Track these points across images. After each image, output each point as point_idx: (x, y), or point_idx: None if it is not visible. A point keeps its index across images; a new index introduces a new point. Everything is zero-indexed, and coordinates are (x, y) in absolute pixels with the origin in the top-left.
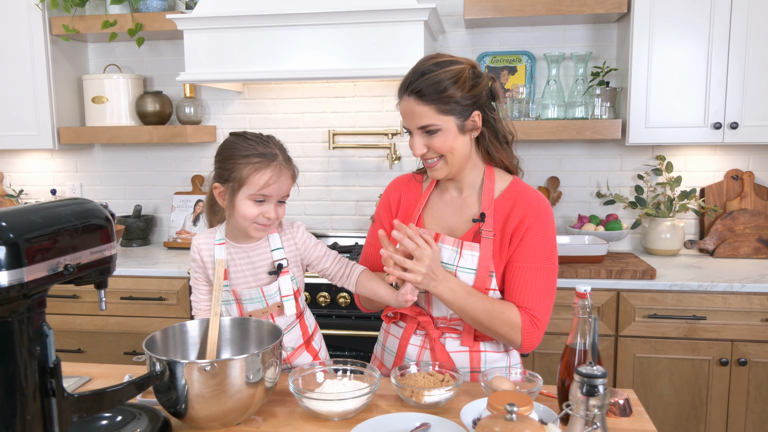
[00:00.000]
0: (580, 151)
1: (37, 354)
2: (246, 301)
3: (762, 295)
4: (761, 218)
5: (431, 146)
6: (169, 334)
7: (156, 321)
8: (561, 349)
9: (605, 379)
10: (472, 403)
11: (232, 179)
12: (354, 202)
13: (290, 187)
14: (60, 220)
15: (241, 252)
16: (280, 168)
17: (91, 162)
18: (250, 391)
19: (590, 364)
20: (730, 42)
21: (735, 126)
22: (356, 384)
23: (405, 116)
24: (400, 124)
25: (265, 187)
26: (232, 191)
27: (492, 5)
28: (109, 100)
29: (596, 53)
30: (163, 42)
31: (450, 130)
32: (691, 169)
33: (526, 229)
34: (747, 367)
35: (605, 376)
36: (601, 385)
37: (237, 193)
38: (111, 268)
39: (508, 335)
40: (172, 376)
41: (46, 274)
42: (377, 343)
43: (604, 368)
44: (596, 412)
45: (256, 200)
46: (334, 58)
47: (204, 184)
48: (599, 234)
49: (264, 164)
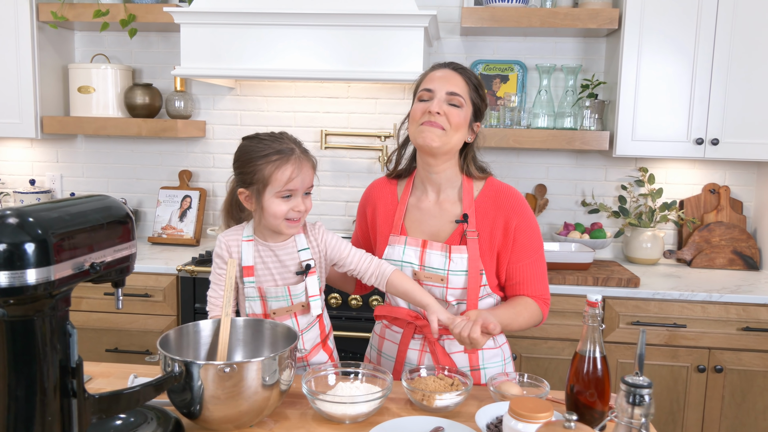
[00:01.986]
0: (567, 160)
1: (59, 353)
2: (271, 298)
3: (738, 305)
4: (736, 231)
5: (448, 114)
6: (183, 334)
7: (141, 318)
8: (546, 353)
9: (651, 389)
10: (486, 408)
11: (256, 181)
12: (344, 203)
13: (313, 177)
14: (86, 216)
15: (268, 251)
16: (300, 161)
17: (73, 153)
18: (265, 393)
19: (636, 374)
20: (714, 62)
21: (716, 142)
22: (369, 387)
23: (438, 80)
24: (394, 127)
25: (289, 182)
26: (258, 193)
27: (489, 15)
28: (96, 91)
29: (585, 66)
30: (154, 34)
31: (466, 114)
32: (671, 181)
33: (514, 230)
34: (723, 374)
35: (651, 387)
36: (647, 394)
37: (263, 194)
38: (131, 267)
39: (535, 324)
40: (188, 377)
41: (72, 273)
42: (370, 348)
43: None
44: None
45: (284, 197)
46: (333, 59)
47: (191, 180)
48: (584, 242)
49: (284, 160)
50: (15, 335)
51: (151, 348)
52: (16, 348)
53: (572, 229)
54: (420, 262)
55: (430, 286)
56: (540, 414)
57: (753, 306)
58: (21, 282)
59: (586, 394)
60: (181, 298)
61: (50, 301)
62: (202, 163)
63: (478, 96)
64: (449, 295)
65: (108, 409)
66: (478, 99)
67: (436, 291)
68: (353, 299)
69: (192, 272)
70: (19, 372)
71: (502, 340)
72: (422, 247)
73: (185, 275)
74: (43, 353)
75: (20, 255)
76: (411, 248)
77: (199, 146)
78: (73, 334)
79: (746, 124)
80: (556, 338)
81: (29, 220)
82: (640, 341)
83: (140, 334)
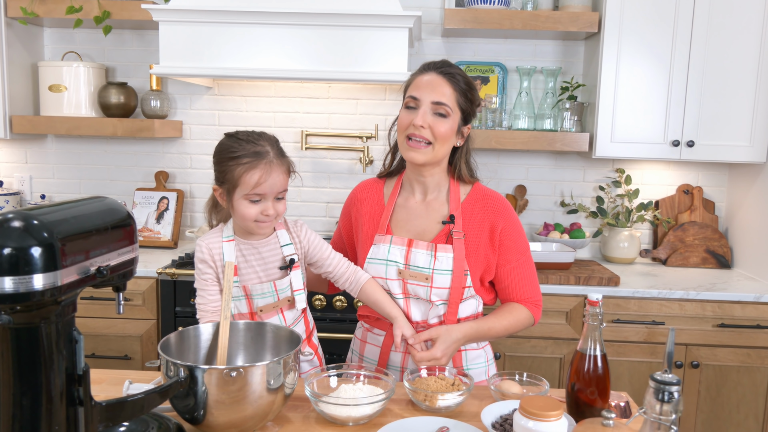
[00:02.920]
0: (546, 161)
1: (65, 360)
2: (257, 296)
3: (714, 302)
4: (708, 230)
5: (433, 126)
6: (183, 338)
7: (119, 322)
8: (529, 352)
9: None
10: (491, 407)
11: (227, 181)
12: (324, 204)
13: (285, 182)
14: (90, 219)
15: (251, 248)
16: (270, 165)
17: (43, 153)
18: (270, 397)
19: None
20: (690, 66)
21: (691, 144)
22: (372, 389)
23: (424, 87)
24: (375, 128)
25: (257, 187)
26: (228, 192)
27: (472, 16)
28: (68, 89)
29: (564, 69)
30: (128, 32)
31: (454, 122)
32: (647, 182)
33: (500, 234)
34: (699, 369)
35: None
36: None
37: (233, 194)
38: (133, 270)
39: (525, 327)
40: (192, 382)
41: (79, 278)
42: (351, 352)
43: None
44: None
45: (252, 200)
46: (315, 59)
47: (168, 181)
48: (565, 242)
49: (253, 164)
50: (20, 343)
51: (129, 353)
52: (21, 356)
53: (552, 229)
54: (405, 260)
55: (414, 285)
56: (551, 412)
57: (728, 303)
58: (27, 288)
59: (586, 392)
60: (161, 301)
61: (56, 307)
62: (179, 163)
63: (466, 100)
64: (434, 295)
65: (114, 417)
66: (467, 103)
67: (420, 291)
68: (338, 301)
69: (173, 275)
70: (25, 380)
71: (485, 342)
72: (408, 246)
73: (166, 278)
74: (49, 361)
75: (27, 259)
76: (396, 247)
77: (176, 147)
78: (79, 340)
79: (720, 127)
80: (539, 337)
81: (34, 223)
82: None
83: (118, 339)
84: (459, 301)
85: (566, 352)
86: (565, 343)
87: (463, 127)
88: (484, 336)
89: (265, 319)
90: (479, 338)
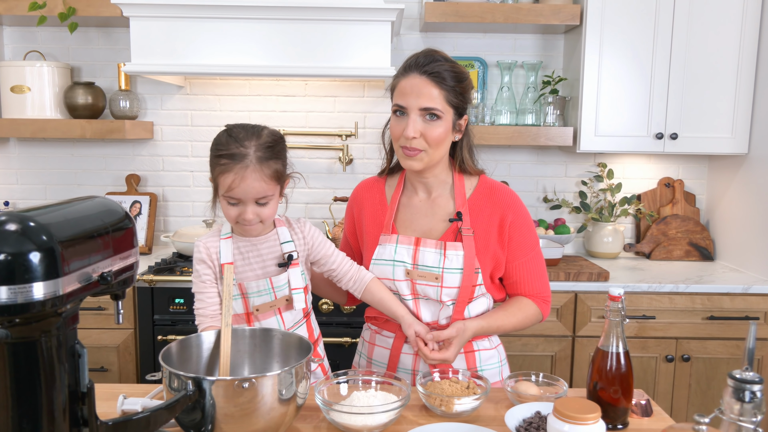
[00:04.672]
0: (528, 157)
1: (68, 377)
2: (253, 294)
3: (703, 295)
4: (691, 223)
5: (425, 133)
6: (185, 346)
7: (94, 333)
8: (521, 350)
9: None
10: (513, 410)
11: (212, 178)
12: (304, 205)
13: (265, 188)
14: (90, 221)
15: (249, 245)
16: (245, 170)
17: (6, 158)
18: (282, 408)
19: (746, 369)
20: (671, 58)
21: (675, 137)
22: (386, 396)
23: (408, 94)
24: (355, 125)
25: (230, 191)
26: (214, 188)
27: (453, 10)
28: (32, 90)
29: (544, 63)
30: (93, 29)
31: (447, 122)
32: (628, 176)
33: (510, 227)
34: (690, 363)
35: (762, 382)
36: (759, 391)
37: (218, 193)
38: (134, 276)
39: (533, 323)
40: (199, 395)
41: (80, 285)
42: (359, 355)
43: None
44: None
45: (230, 202)
46: (293, 55)
47: (140, 185)
48: (551, 237)
49: (228, 167)
50: (18, 359)
51: (106, 365)
52: (20, 373)
53: (536, 225)
54: (413, 260)
55: (424, 285)
56: (588, 415)
57: (716, 295)
58: (26, 298)
59: (609, 391)
60: (138, 310)
61: (57, 319)
62: (150, 166)
63: (457, 95)
64: (444, 295)
65: None
66: (459, 98)
67: (430, 291)
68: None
69: (150, 282)
70: (24, 400)
71: (497, 341)
72: (415, 245)
73: (143, 285)
74: (50, 378)
75: (25, 266)
76: (403, 246)
77: (147, 149)
78: (83, 354)
79: (702, 119)
80: (530, 335)
81: (31, 225)
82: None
83: (94, 351)
84: (467, 301)
85: (557, 349)
86: (557, 340)
87: (459, 121)
88: (495, 332)
89: (262, 320)
90: (490, 334)
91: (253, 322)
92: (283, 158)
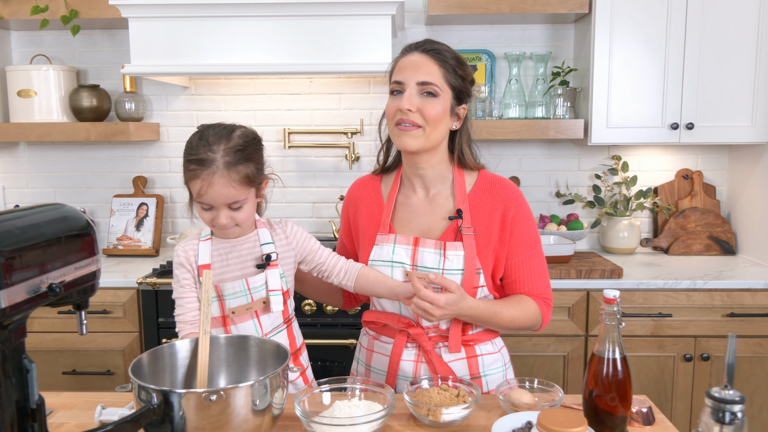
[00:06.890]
0: (539, 150)
1: (16, 394)
2: (228, 296)
3: (722, 291)
4: (710, 216)
5: (422, 109)
6: (158, 357)
7: (99, 336)
8: (531, 350)
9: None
10: (502, 420)
11: (184, 182)
12: (311, 204)
13: (234, 193)
14: (39, 229)
15: (228, 246)
16: (211, 177)
17: (16, 162)
18: (256, 420)
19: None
20: (686, 45)
21: (691, 126)
22: (369, 405)
23: (407, 69)
24: (360, 123)
25: (199, 197)
26: (190, 194)
27: (456, 2)
28: (38, 94)
29: (554, 53)
30: (98, 32)
31: (445, 101)
32: (644, 168)
33: (511, 222)
34: (709, 362)
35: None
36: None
37: (192, 197)
38: (95, 285)
39: (532, 325)
40: (167, 408)
41: (27, 297)
42: (356, 362)
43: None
44: None
45: (203, 207)
46: (295, 52)
47: (147, 186)
48: (563, 234)
49: (196, 173)
50: None
51: (112, 368)
52: None
53: (548, 221)
54: (412, 261)
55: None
56: (574, 428)
57: (737, 291)
58: None
59: (606, 399)
60: (143, 312)
61: (2, 332)
62: (157, 168)
63: (457, 77)
64: None
65: None
66: (458, 80)
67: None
68: (328, 305)
69: (154, 284)
70: None
71: (501, 344)
72: (414, 245)
73: (147, 288)
74: None
75: None
76: (401, 247)
77: (153, 150)
78: (31, 369)
79: (720, 108)
80: (541, 335)
81: None
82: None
83: (99, 354)
84: None
85: (570, 349)
86: (569, 340)
87: (458, 108)
88: (488, 320)
89: (238, 324)
90: (482, 320)
91: (229, 325)
92: (255, 160)
